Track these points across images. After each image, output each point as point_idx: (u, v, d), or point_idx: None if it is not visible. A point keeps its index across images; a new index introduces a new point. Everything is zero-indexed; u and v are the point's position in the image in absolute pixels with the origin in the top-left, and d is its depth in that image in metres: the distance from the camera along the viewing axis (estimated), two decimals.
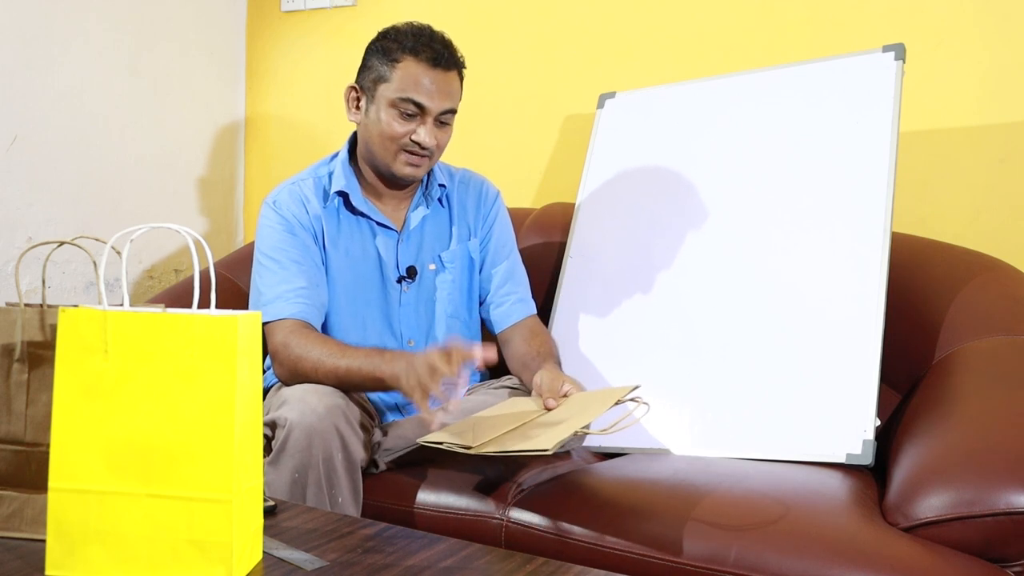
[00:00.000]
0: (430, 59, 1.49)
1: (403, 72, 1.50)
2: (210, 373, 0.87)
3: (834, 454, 1.37)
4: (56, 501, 0.89)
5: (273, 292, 1.50)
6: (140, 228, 0.91)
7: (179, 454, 0.87)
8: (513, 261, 1.71)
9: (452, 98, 1.53)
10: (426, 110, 1.50)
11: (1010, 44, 1.72)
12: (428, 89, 1.49)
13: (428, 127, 1.51)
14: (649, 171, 1.80)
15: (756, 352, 1.53)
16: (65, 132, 2.14)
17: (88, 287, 2.21)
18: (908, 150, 1.73)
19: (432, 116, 1.51)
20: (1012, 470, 1.09)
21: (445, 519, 1.33)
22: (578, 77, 2.13)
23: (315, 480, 1.29)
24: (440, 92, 1.50)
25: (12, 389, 1.00)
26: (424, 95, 1.49)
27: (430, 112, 1.50)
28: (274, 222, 1.56)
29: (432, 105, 1.50)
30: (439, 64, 1.50)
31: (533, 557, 0.97)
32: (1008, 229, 1.72)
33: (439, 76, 1.50)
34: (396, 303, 1.61)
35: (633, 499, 1.25)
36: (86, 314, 0.88)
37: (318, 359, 1.40)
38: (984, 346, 1.42)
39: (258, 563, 0.93)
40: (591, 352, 1.71)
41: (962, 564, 1.06)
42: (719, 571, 1.10)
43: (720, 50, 1.97)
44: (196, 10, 2.45)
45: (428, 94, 1.49)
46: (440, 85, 1.50)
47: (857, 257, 1.49)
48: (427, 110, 1.50)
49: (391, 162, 1.54)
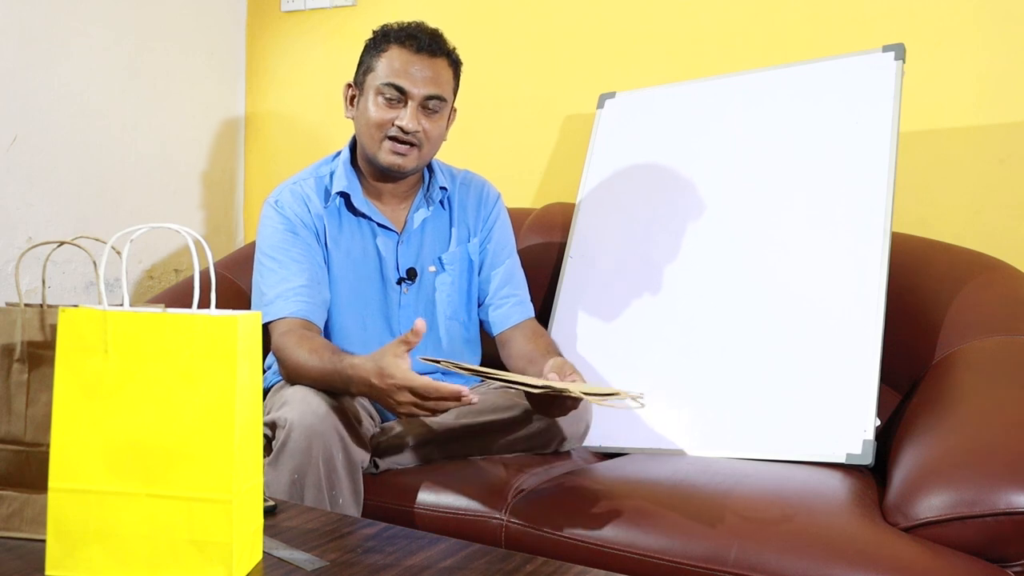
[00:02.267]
0: (413, 46, 1.52)
1: (387, 59, 1.53)
2: (210, 373, 0.87)
3: (834, 454, 1.38)
4: (56, 501, 0.89)
5: (274, 291, 1.50)
6: (140, 228, 0.91)
7: (179, 454, 0.87)
8: (512, 264, 1.70)
9: (437, 84, 1.53)
10: (408, 94, 1.51)
11: (1010, 44, 1.72)
12: (410, 73, 1.51)
13: (410, 112, 1.51)
14: (649, 171, 1.80)
15: (756, 352, 1.53)
16: (65, 132, 2.14)
17: (88, 287, 2.21)
18: (908, 150, 1.73)
19: (415, 101, 1.52)
20: (1012, 470, 1.09)
21: (445, 519, 1.33)
22: (578, 77, 2.12)
23: (315, 480, 1.29)
24: (423, 77, 1.52)
25: (12, 389, 1.00)
26: (406, 79, 1.51)
27: (412, 96, 1.51)
28: (276, 221, 1.56)
29: (413, 89, 1.51)
30: (422, 50, 1.52)
31: (533, 557, 0.97)
32: (1008, 229, 1.72)
33: (422, 61, 1.52)
34: (396, 304, 1.61)
35: (633, 499, 1.25)
36: (86, 314, 0.88)
37: (300, 362, 1.40)
38: (984, 346, 1.42)
39: (258, 563, 0.93)
40: (591, 352, 1.71)
41: (962, 564, 1.06)
42: (719, 571, 1.10)
43: (720, 50, 1.97)
44: (196, 10, 2.45)
45: (410, 78, 1.51)
46: (423, 70, 1.52)
47: (857, 257, 1.49)
48: (409, 94, 1.51)
49: (377, 151, 1.54)
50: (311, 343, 1.42)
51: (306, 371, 1.39)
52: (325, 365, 1.36)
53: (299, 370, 1.40)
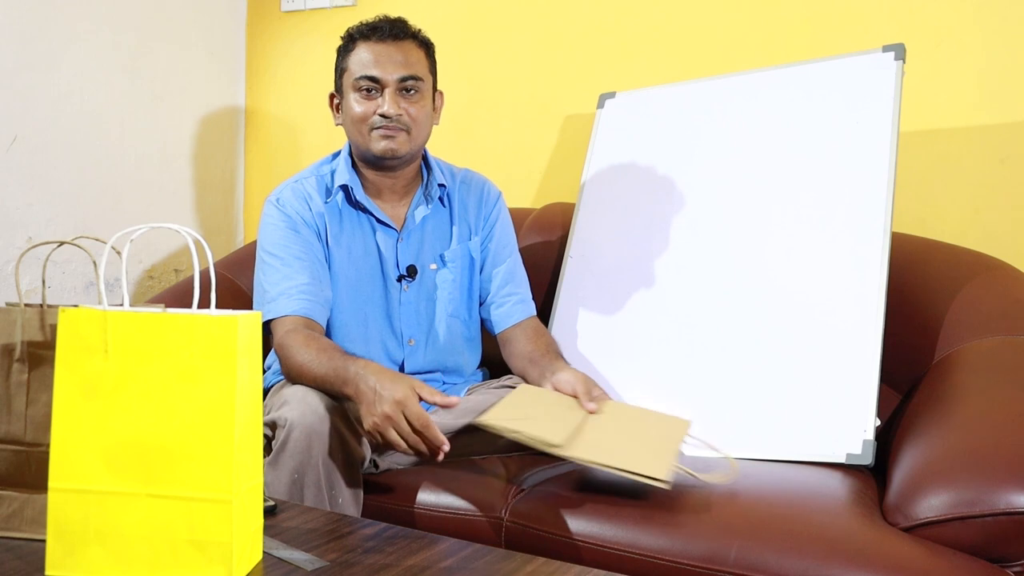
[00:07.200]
0: (377, 36, 1.56)
1: (356, 56, 1.57)
2: (210, 373, 0.87)
3: (834, 454, 1.37)
4: (56, 501, 0.89)
5: (276, 289, 1.50)
6: (140, 228, 0.91)
7: (179, 454, 0.87)
8: (514, 262, 1.71)
9: (408, 66, 1.56)
10: (381, 81, 1.54)
11: (1010, 44, 1.71)
12: (379, 62, 1.55)
13: (388, 97, 1.54)
14: (649, 171, 1.80)
15: (756, 352, 1.53)
16: (65, 132, 2.14)
17: (88, 287, 2.21)
18: (908, 150, 1.73)
19: (390, 87, 1.54)
20: (1012, 470, 1.09)
21: (445, 519, 1.33)
22: (578, 77, 2.12)
23: (315, 480, 1.29)
24: (392, 61, 1.55)
25: (12, 389, 1.00)
26: (376, 68, 1.54)
27: (386, 83, 1.54)
28: (277, 219, 1.57)
29: (385, 75, 1.54)
30: (386, 37, 1.56)
31: (533, 557, 0.97)
32: (1008, 229, 1.72)
33: (388, 47, 1.55)
34: (396, 302, 1.61)
35: (633, 499, 1.24)
36: (86, 314, 0.88)
37: (303, 363, 1.40)
38: (984, 346, 1.42)
39: (258, 563, 0.93)
40: (591, 352, 1.71)
41: (962, 564, 1.06)
42: (719, 571, 1.10)
43: (720, 50, 1.97)
44: (196, 10, 2.45)
45: (380, 66, 1.54)
46: (392, 56, 1.55)
47: (857, 257, 1.49)
48: (383, 81, 1.54)
49: (368, 143, 1.56)
50: (318, 343, 1.43)
51: (310, 371, 1.39)
52: (333, 365, 1.36)
53: (303, 369, 1.40)
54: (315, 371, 1.38)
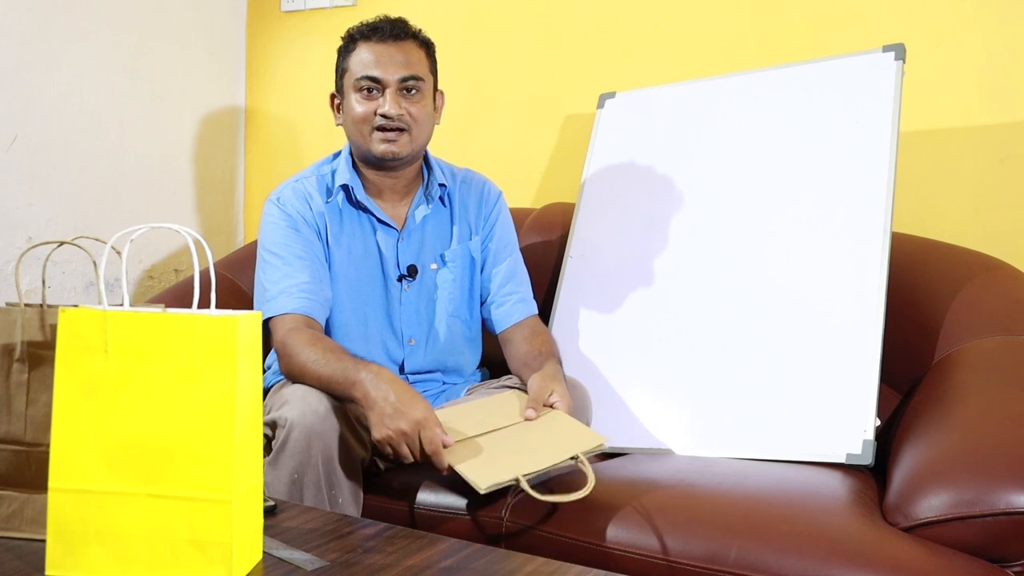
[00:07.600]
0: (377, 36, 1.57)
1: (357, 56, 1.57)
2: (210, 373, 0.87)
3: (834, 454, 1.38)
4: (56, 501, 0.89)
5: (277, 288, 1.51)
6: (140, 228, 0.91)
7: (179, 454, 0.87)
8: (515, 261, 1.71)
9: (409, 66, 1.56)
10: (383, 82, 1.54)
11: (1010, 44, 1.71)
12: (380, 62, 1.55)
13: (389, 98, 1.54)
14: (649, 171, 1.80)
15: (756, 352, 1.53)
16: (65, 132, 2.14)
17: (88, 287, 2.21)
18: (908, 150, 1.73)
19: (392, 87, 1.54)
20: (1012, 470, 1.09)
21: (445, 519, 1.33)
22: (578, 77, 2.12)
23: (315, 480, 1.29)
24: (392, 62, 1.55)
25: (12, 389, 1.00)
26: (377, 68, 1.54)
27: (387, 83, 1.54)
28: (278, 218, 1.57)
29: (385, 75, 1.54)
30: (386, 38, 1.56)
31: (533, 557, 0.97)
32: (1008, 229, 1.72)
33: (388, 48, 1.56)
34: (397, 301, 1.61)
35: (633, 499, 1.24)
36: (86, 314, 0.88)
37: (306, 362, 1.40)
38: (984, 346, 1.42)
39: (258, 563, 0.93)
40: (591, 352, 1.71)
41: (962, 564, 1.06)
42: (719, 571, 1.10)
43: (720, 50, 1.97)
44: (196, 10, 2.45)
45: (381, 66, 1.55)
46: (391, 56, 1.55)
47: (857, 257, 1.49)
48: (384, 81, 1.54)
49: (368, 144, 1.56)
50: (324, 343, 1.43)
51: (314, 370, 1.38)
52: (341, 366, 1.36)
53: (306, 368, 1.39)
54: (320, 371, 1.37)
